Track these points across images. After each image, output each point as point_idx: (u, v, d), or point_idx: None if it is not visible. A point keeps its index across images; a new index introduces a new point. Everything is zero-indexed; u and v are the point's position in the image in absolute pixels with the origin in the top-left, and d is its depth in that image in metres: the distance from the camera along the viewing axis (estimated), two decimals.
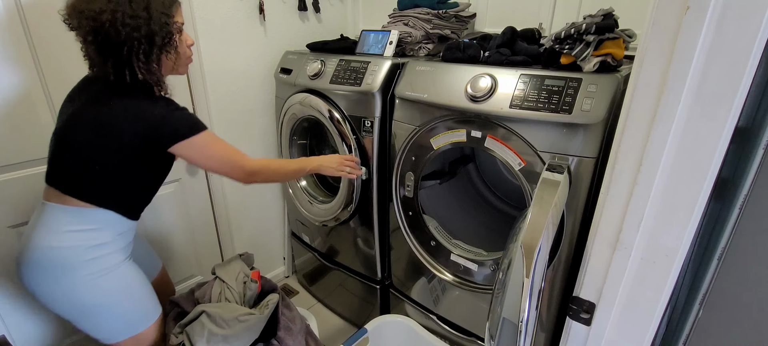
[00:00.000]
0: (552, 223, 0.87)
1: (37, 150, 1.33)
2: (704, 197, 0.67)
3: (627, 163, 0.72)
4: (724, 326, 0.86)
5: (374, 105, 1.43)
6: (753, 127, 0.73)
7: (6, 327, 1.40)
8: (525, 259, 0.79)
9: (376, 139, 1.47)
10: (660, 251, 0.73)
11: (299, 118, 1.74)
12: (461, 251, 1.39)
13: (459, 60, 1.29)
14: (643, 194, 0.71)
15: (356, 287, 1.84)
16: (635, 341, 0.83)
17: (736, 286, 0.81)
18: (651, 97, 0.66)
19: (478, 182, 1.79)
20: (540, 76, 1.06)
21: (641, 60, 0.66)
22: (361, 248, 1.72)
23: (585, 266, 0.85)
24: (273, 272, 2.29)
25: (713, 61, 0.59)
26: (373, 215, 1.60)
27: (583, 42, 1.02)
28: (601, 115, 0.95)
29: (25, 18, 1.22)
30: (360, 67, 1.46)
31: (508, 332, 0.84)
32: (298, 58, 1.73)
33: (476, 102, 1.14)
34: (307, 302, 2.15)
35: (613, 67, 1.03)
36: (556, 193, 0.89)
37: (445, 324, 1.51)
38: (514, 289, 0.82)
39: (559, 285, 1.14)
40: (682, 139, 0.65)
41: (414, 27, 1.57)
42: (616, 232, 0.77)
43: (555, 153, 1.04)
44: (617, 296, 0.80)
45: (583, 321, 0.87)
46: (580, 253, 0.90)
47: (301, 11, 1.92)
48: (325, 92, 1.57)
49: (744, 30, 0.56)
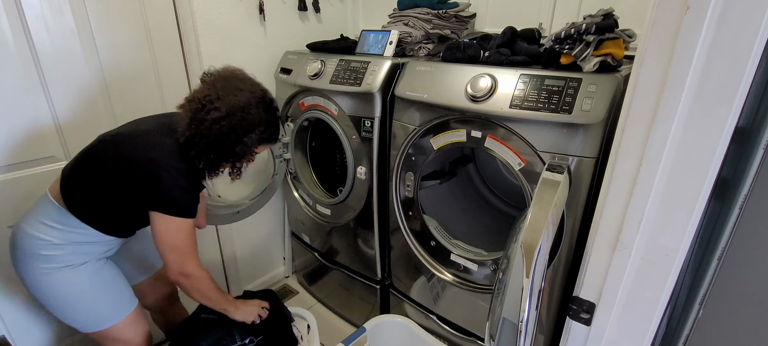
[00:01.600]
0: (552, 223, 0.87)
1: (37, 150, 1.33)
2: (704, 197, 0.67)
3: (627, 163, 0.72)
4: (724, 326, 0.86)
5: (374, 105, 1.43)
6: (753, 127, 0.73)
7: (6, 327, 1.40)
8: (525, 259, 0.79)
9: (376, 140, 1.47)
10: (660, 251, 0.73)
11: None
12: (461, 251, 1.39)
13: (459, 60, 1.28)
14: (643, 194, 0.71)
15: (356, 287, 1.84)
16: (635, 341, 0.83)
17: (736, 286, 0.81)
18: (651, 97, 0.66)
19: (478, 182, 1.79)
20: (540, 76, 1.06)
21: (641, 60, 0.66)
22: (361, 248, 1.72)
23: (585, 266, 0.85)
24: (273, 272, 2.29)
25: (713, 61, 0.59)
26: (373, 215, 1.60)
27: (583, 42, 1.02)
28: (601, 115, 0.95)
29: (25, 17, 1.22)
30: (360, 68, 1.46)
31: (508, 332, 0.84)
32: (298, 58, 1.73)
33: (476, 102, 1.14)
34: (307, 302, 2.15)
35: (613, 67, 1.03)
36: (556, 193, 0.89)
37: (445, 324, 1.51)
38: (514, 289, 0.82)
39: (559, 285, 1.14)
40: (682, 139, 0.65)
41: (414, 27, 1.57)
42: (616, 232, 0.77)
43: (555, 153, 1.04)
44: (617, 296, 0.80)
45: (583, 321, 0.87)
46: (580, 253, 0.90)
47: (301, 11, 1.92)
48: (325, 92, 1.58)
49: (744, 30, 0.56)
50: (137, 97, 1.52)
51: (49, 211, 1.05)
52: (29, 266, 1.05)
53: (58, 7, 1.28)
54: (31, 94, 1.29)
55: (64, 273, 1.06)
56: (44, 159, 1.36)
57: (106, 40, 1.40)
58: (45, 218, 1.05)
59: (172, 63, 1.60)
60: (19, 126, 1.28)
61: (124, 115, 1.48)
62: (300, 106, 1.72)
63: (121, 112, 1.49)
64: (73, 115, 1.38)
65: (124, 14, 1.42)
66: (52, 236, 1.04)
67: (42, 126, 1.33)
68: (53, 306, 1.10)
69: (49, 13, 1.26)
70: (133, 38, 1.47)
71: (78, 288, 1.09)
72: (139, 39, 1.48)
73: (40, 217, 1.05)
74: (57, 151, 1.38)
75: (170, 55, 1.59)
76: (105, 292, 1.14)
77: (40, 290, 1.08)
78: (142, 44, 1.49)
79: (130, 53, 1.47)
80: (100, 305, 1.13)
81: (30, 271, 1.06)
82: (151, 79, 1.55)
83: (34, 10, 1.23)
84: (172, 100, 1.60)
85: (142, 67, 1.51)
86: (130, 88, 1.50)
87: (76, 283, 1.08)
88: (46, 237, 1.04)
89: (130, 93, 1.50)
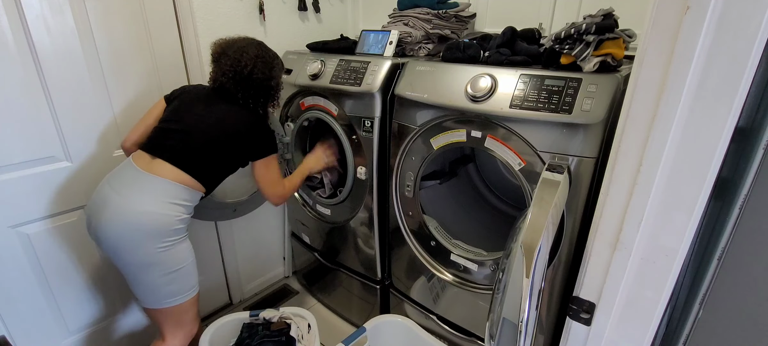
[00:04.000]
0: (552, 223, 0.87)
1: (37, 150, 1.33)
2: (704, 196, 0.67)
3: (627, 163, 0.72)
4: (724, 326, 0.86)
5: (374, 105, 1.43)
6: (753, 127, 0.73)
7: (6, 327, 1.40)
8: (525, 259, 0.79)
9: (376, 140, 1.47)
10: (660, 251, 0.73)
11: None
12: (461, 251, 1.39)
13: (459, 60, 1.28)
14: (643, 194, 0.71)
15: (356, 287, 1.84)
16: (635, 341, 0.83)
17: (736, 286, 0.81)
18: (651, 97, 0.66)
19: (478, 182, 1.79)
20: (540, 76, 1.06)
21: (641, 60, 0.66)
22: (361, 248, 1.72)
23: (585, 266, 0.85)
24: (273, 272, 2.29)
25: (713, 61, 0.59)
26: (373, 215, 1.60)
27: (583, 42, 1.02)
28: (601, 115, 0.95)
29: (25, 17, 1.22)
30: (360, 68, 1.46)
31: (508, 332, 0.84)
32: (298, 58, 1.73)
33: (476, 102, 1.14)
34: (307, 302, 2.15)
35: (613, 67, 1.03)
36: (556, 193, 0.89)
37: (445, 324, 1.51)
38: (514, 289, 0.82)
39: (559, 285, 1.14)
40: (682, 139, 0.65)
41: (414, 27, 1.57)
42: (616, 232, 0.77)
43: (555, 153, 1.04)
44: (617, 296, 0.80)
45: (583, 321, 0.87)
46: (580, 253, 0.90)
47: (301, 11, 1.92)
48: (325, 92, 1.57)
49: (744, 30, 0.56)
50: (137, 97, 1.52)
51: (174, 190, 1.18)
52: (149, 245, 1.14)
53: (58, 7, 1.28)
54: (31, 94, 1.29)
55: (182, 244, 1.22)
56: (44, 159, 1.36)
57: (106, 40, 1.40)
58: (171, 197, 1.18)
59: (172, 63, 1.60)
60: (19, 126, 1.28)
61: (125, 114, 1.50)
62: (300, 107, 1.72)
63: (121, 112, 1.49)
64: (73, 115, 1.38)
65: (124, 14, 1.42)
66: (181, 212, 1.20)
67: (42, 126, 1.33)
68: (164, 280, 1.19)
69: (49, 13, 1.26)
70: (133, 38, 1.47)
71: (189, 255, 1.25)
72: (139, 39, 1.48)
73: (165, 198, 1.17)
74: (57, 151, 1.38)
75: (170, 54, 1.59)
76: (193, 262, 1.28)
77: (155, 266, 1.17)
78: (142, 44, 1.49)
79: (130, 53, 1.47)
80: (194, 272, 1.28)
81: (149, 250, 1.15)
82: (151, 79, 1.55)
83: (34, 10, 1.23)
84: None
85: (142, 67, 1.51)
86: (130, 88, 1.50)
87: (189, 251, 1.25)
88: (177, 214, 1.18)
89: (130, 93, 1.50)
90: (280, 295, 2.21)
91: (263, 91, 1.33)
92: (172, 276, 1.20)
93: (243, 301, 2.16)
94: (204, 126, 1.24)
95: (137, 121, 1.38)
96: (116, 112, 1.48)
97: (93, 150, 1.45)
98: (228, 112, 1.27)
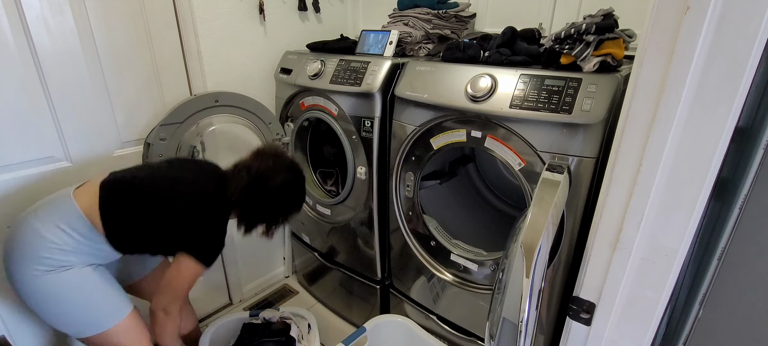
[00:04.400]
0: (552, 223, 0.87)
1: (37, 150, 1.33)
2: (704, 196, 0.67)
3: (627, 163, 0.72)
4: (724, 326, 0.86)
5: (374, 105, 1.43)
6: (753, 127, 0.73)
7: (6, 327, 1.40)
8: (525, 259, 0.79)
9: (376, 140, 1.47)
10: (660, 251, 0.73)
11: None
12: (461, 251, 1.39)
13: (459, 60, 1.28)
14: (643, 194, 0.71)
15: (356, 287, 1.84)
16: (635, 341, 0.83)
17: (736, 286, 0.81)
18: (651, 97, 0.66)
19: (478, 182, 1.79)
20: (540, 76, 1.06)
21: (641, 60, 0.66)
22: (361, 248, 1.72)
23: (585, 266, 0.85)
24: (273, 272, 2.29)
25: (713, 61, 0.59)
26: (373, 215, 1.60)
27: (583, 42, 1.02)
28: (601, 115, 0.95)
29: (25, 17, 1.22)
30: (360, 68, 1.46)
31: (508, 332, 0.84)
32: (298, 58, 1.73)
33: (476, 102, 1.14)
34: (307, 302, 2.15)
35: (613, 67, 1.03)
36: (556, 193, 0.89)
37: (445, 324, 1.51)
38: (514, 289, 0.82)
39: (559, 285, 1.14)
40: (682, 139, 0.65)
41: (414, 27, 1.57)
42: (616, 232, 0.77)
43: (555, 153, 1.04)
44: (617, 296, 0.80)
45: (583, 321, 0.87)
46: (580, 253, 0.90)
47: (301, 11, 1.92)
48: (325, 92, 1.57)
49: (744, 30, 0.56)
50: (137, 97, 1.52)
51: (71, 219, 1.04)
52: (21, 265, 1.02)
53: (58, 7, 1.28)
54: (31, 94, 1.29)
55: (56, 275, 1.03)
56: (44, 159, 1.36)
57: (106, 40, 1.40)
58: (65, 224, 1.03)
59: (172, 63, 1.60)
60: (19, 126, 1.28)
61: (125, 114, 1.49)
62: (300, 107, 1.72)
63: (121, 112, 1.49)
64: (73, 115, 1.38)
65: (124, 14, 1.42)
66: (65, 243, 1.03)
67: (42, 126, 1.33)
68: (43, 310, 1.06)
69: (49, 13, 1.26)
70: (133, 38, 1.47)
71: (69, 290, 1.05)
72: (139, 39, 1.48)
73: (59, 222, 1.03)
74: (57, 152, 1.38)
75: (170, 55, 1.59)
76: (98, 293, 1.10)
77: (30, 294, 1.04)
78: (142, 44, 1.49)
79: (130, 53, 1.47)
80: (93, 307, 1.09)
81: (21, 270, 1.02)
82: (151, 79, 1.55)
83: (34, 10, 1.23)
84: (172, 100, 1.60)
85: (142, 67, 1.51)
86: (130, 88, 1.50)
87: (68, 284, 1.05)
88: (57, 242, 1.02)
89: (130, 93, 1.50)
90: (280, 295, 2.21)
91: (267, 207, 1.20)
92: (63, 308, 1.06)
93: (243, 301, 2.15)
94: (160, 175, 1.13)
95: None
96: (116, 113, 1.48)
97: (93, 150, 1.45)
98: (200, 176, 1.15)
